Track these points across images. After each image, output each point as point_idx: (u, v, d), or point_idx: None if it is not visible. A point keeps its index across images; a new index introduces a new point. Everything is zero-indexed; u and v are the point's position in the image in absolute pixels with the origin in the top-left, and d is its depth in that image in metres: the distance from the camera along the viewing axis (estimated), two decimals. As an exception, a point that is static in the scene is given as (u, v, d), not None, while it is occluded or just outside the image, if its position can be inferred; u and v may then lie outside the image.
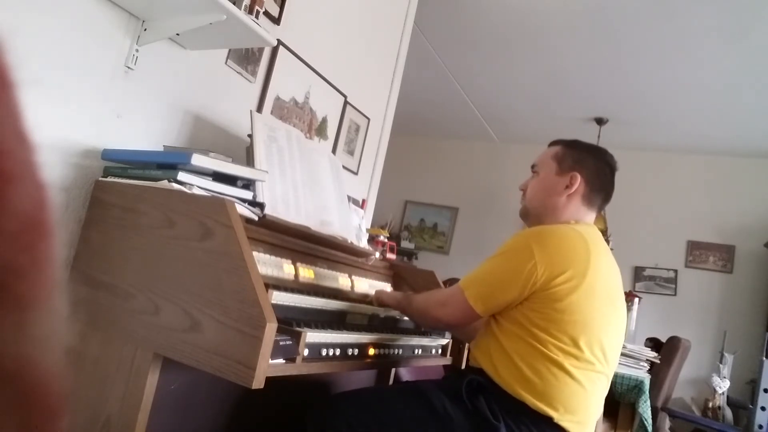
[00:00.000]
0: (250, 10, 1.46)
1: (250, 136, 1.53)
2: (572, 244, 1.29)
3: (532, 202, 1.49)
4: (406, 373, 2.14)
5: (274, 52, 1.95)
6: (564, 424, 1.22)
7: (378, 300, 1.62)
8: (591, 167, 1.44)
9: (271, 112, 1.97)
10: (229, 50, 1.76)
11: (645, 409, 2.48)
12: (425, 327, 1.73)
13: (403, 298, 1.55)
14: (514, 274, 1.26)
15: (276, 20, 1.92)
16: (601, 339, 1.27)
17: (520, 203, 1.54)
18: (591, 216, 1.45)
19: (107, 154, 1.38)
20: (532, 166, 1.53)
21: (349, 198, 1.90)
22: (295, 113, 2.10)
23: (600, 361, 1.27)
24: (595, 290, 1.26)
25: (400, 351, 1.55)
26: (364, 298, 1.70)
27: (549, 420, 1.22)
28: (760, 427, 2.86)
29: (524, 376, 1.23)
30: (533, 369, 1.22)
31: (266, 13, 1.83)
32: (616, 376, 2.54)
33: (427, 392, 1.29)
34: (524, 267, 1.24)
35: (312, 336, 1.16)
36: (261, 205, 1.39)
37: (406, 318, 1.76)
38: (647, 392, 2.51)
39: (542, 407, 1.21)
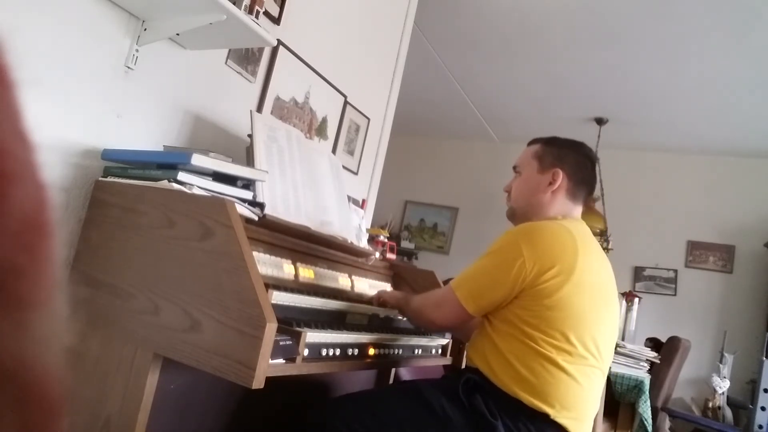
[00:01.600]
0: (250, 10, 1.46)
1: (250, 136, 1.54)
2: (559, 239, 1.30)
3: (517, 201, 1.51)
4: (405, 373, 2.14)
5: (274, 52, 1.95)
6: (561, 420, 1.23)
7: (379, 298, 1.62)
8: (572, 162, 1.46)
9: (271, 112, 1.97)
10: (229, 50, 1.76)
11: (645, 409, 2.48)
12: (422, 328, 1.74)
13: (402, 297, 1.56)
14: (504, 271, 1.27)
15: (276, 20, 1.92)
16: (593, 333, 1.27)
17: (507, 204, 1.55)
18: (577, 210, 1.47)
19: (107, 154, 1.38)
20: (514, 167, 1.55)
21: (349, 198, 1.89)
22: (295, 113, 2.10)
23: (594, 356, 1.27)
24: (585, 285, 1.27)
25: (400, 351, 1.55)
26: (362, 298, 1.70)
27: (545, 417, 1.22)
28: (760, 427, 2.87)
29: (519, 374, 1.23)
30: (528, 367, 1.23)
31: (266, 13, 1.83)
32: (616, 376, 2.55)
33: (425, 392, 1.30)
34: (513, 264, 1.26)
35: (312, 336, 1.16)
36: (261, 205, 1.39)
37: (405, 317, 1.76)
38: (647, 392, 2.51)
39: (538, 404, 1.22)
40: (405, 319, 1.72)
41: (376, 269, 1.91)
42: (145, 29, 1.46)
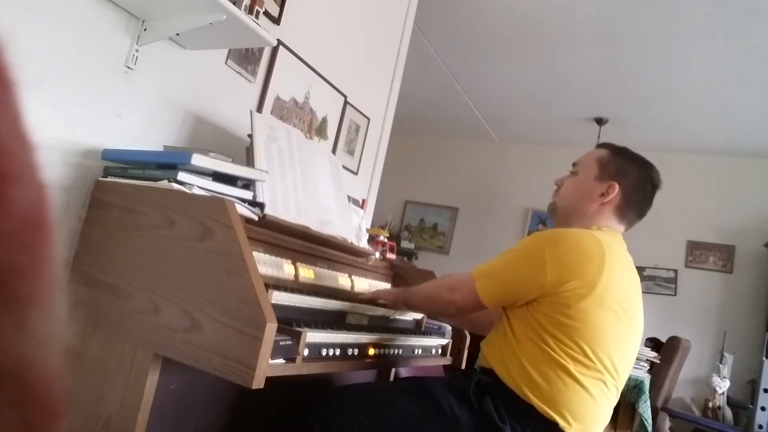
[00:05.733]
0: (250, 10, 1.46)
1: (250, 136, 1.54)
2: (586, 251, 1.25)
3: (563, 200, 1.46)
4: (406, 373, 2.13)
5: (274, 52, 1.95)
6: (570, 431, 1.20)
7: (375, 297, 1.61)
8: (633, 180, 1.40)
9: (271, 112, 1.97)
10: (229, 50, 1.76)
11: (645, 409, 2.48)
12: (430, 313, 1.71)
13: (402, 291, 1.54)
14: (523, 274, 1.25)
15: (276, 20, 1.92)
16: (610, 351, 1.23)
17: (552, 198, 1.50)
18: (620, 228, 1.42)
19: (107, 154, 1.38)
20: (573, 164, 1.49)
21: (349, 198, 1.89)
22: (295, 113, 2.10)
23: (609, 372, 1.24)
24: (607, 300, 1.22)
25: (400, 351, 1.55)
26: (357, 298, 1.70)
27: (555, 426, 1.20)
28: (760, 427, 2.86)
29: (533, 379, 1.21)
30: (542, 373, 1.21)
31: (266, 13, 1.83)
32: (616, 376, 2.54)
33: (435, 391, 1.28)
34: (533, 268, 1.23)
35: (312, 336, 1.16)
36: (261, 205, 1.39)
37: (405, 318, 1.76)
38: (647, 392, 2.51)
39: (549, 412, 1.19)
40: (406, 318, 1.72)
41: (376, 269, 1.91)
42: (145, 29, 1.46)
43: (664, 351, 3.10)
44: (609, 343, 1.24)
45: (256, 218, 1.36)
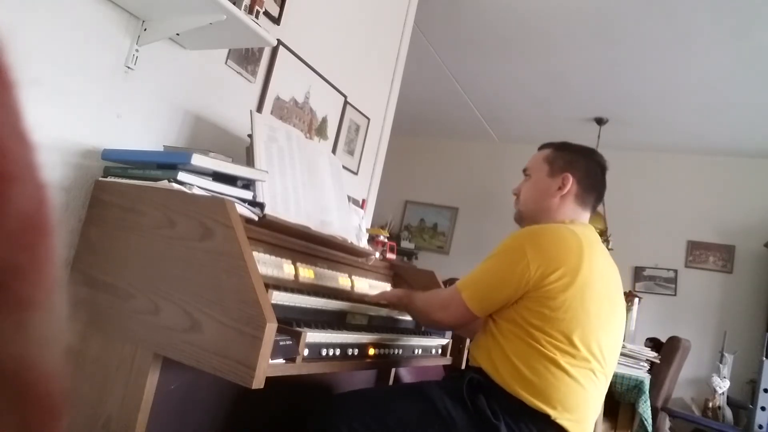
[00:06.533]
0: (250, 10, 1.46)
1: (250, 136, 1.54)
2: (564, 242, 1.30)
3: (526, 204, 1.51)
4: (406, 373, 2.14)
5: (274, 52, 1.95)
6: (562, 422, 1.23)
7: (381, 299, 1.62)
8: (582, 168, 1.47)
9: (271, 112, 1.97)
10: (229, 50, 1.76)
11: (645, 409, 2.48)
12: (426, 327, 1.74)
13: (405, 296, 1.56)
14: (507, 274, 1.28)
15: (276, 20, 1.92)
16: (598, 337, 1.27)
17: (514, 207, 1.56)
18: (585, 216, 1.48)
19: (107, 154, 1.38)
20: (524, 170, 1.56)
21: (349, 198, 1.89)
22: (295, 113, 2.10)
23: (597, 360, 1.27)
24: (590, 288, 1.27)
25: (400, 351, 1.55)
26: (364, 298, 1.70)
27: (546, 418, 1.22)
28: (760, 427, 2.87)
29: (522, 374, 1.23)
30: (530, 367, 1.23)
31: (266, 13, 1.83)
32: (616, 375, 2.54)
33: (429, 393, 1.29)
34: (516, 266, 1.26)
35: (312, 336, 1.16)
36: (261, 205, 1.39)
37: (406, 318, 1.76)
38: (647, 392, 2.51)
39: (540, 405, 1.22)
40: (407, 318, 1.72)
41: (376, 269, 1.91)
42: (145, 29, 1.46)
43: (664, 351, 3.10)
44: (596, 331, 1.27)
45: (256, 218, 1.36)
